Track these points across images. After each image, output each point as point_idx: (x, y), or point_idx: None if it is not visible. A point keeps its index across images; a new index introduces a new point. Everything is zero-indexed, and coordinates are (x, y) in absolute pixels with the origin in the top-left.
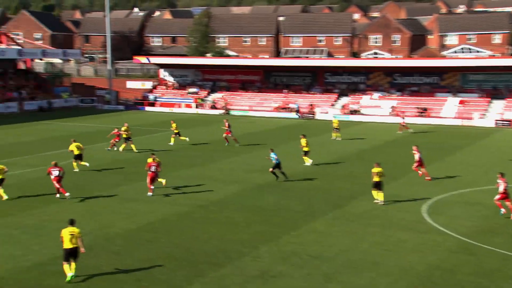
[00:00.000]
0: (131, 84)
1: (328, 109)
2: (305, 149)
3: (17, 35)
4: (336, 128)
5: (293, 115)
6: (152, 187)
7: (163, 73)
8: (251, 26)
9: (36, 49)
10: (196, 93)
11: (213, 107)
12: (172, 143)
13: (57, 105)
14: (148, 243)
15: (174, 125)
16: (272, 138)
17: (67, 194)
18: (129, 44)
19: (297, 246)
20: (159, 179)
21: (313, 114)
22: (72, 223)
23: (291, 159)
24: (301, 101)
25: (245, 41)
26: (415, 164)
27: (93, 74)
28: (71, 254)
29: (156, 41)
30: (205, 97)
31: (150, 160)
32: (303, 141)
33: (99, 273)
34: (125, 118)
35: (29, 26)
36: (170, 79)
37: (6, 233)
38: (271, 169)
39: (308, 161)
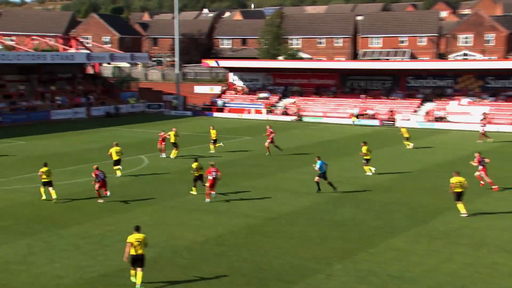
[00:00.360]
0: (199, 89)
1: (410, 115)
2: (366, 157)
3: (86, 39)
4: (406, 137)
5: (372, 121)
6: (213, 193)
7: (232, 77)
8: (326, 26)
9: (105, 53)
10: (266, 98)
11: (285, 113)
12: (213, 151)
13: (124, 111)
14: (216, 257)
15: (213, 131)
16: (347, 147)
17: (108, 193)
18: (198, 47)
19: (375, 264)
20: (194, 188)
21: (393, 121)
22: (138, 229)
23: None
24: (380, 107)
25: (320, 43)
26: (480, 173)
27: (161, 79)
28: (137, 261)
29: (225, 44)
30: (276, 102)
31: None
32: (364, 149)
33: None
34: (193, 124)
35: (98, 29)
36: (239, 84)
37: (73, 242)
38: (316, 179)
39: (369, 171)
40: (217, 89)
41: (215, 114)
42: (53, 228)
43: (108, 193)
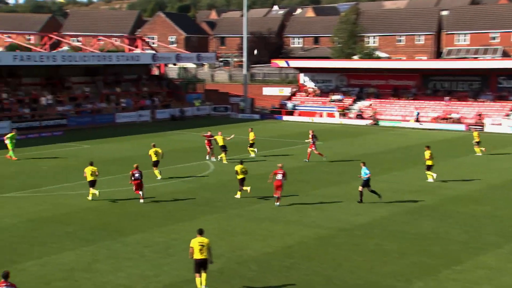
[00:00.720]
0: (267, 91)
1: (502, 120)
2: (428, 162)
3: (152, 38)
4: (477, 142)
5: (457, 126)
6: (277, 196)
7: (303, 78)
8: (407, 22)
9: (170, 53)
10: (340, 100)
11: (360, 116)
12: (253, 155)
13: (189, 114)
14: (285, 269)
15: (251, 134)
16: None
17: (140, 193)
18: (267, 46)
19: (462, 283)
20: (244, 187)
21: (482, 126)
22: (201, 232)
23: (453, 178)
24: (467, 110)
25: (399, 41)
26: None
27: (228, 80)
28: (201, 265)
29: (296, 42)
30: (350, 105)
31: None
32: (427, 153)
33: None
34: (261, 128)
35: (164, 28)
36: (310, 85)
37: (137, 250)
38: (360, 188)
39: (431, 177)
40: (287, 90)
41: (285, 118)
42: (117, 235)
43: (140, 193)
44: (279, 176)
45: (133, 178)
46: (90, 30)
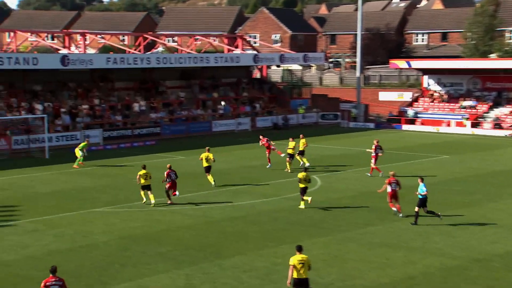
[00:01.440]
0: (384, 96)
1: None
2: None
3: (253, 37)
4: None
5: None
6: (394, 209)
7: (427, 81)
8: None
9: (274, 53)
10: (472, 107)
11: (498, 126)
12: (306, 163)
13: (293, 122)
14: None
15: (303, 141)
16: None
17: (176, 193)
18: (384, 44)
19: None
20: (305, 197)
21: None
22: (300, 249)
23: None
24: None
25: None
26: None
27: (338, 83)
28: (302, 286)
29: (420, 40)
30: (485, 112)
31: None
32: None
33: None
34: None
35: (267, 26)
36: (436, 89)
37: (235, 275)
38: (416, 208)
39: None
40: (407, 95)
41: (404, 127)
42: (213, 257)
43: (177, 193)
44: (394, 186)
45: (168, 180)
46: (188, 29)
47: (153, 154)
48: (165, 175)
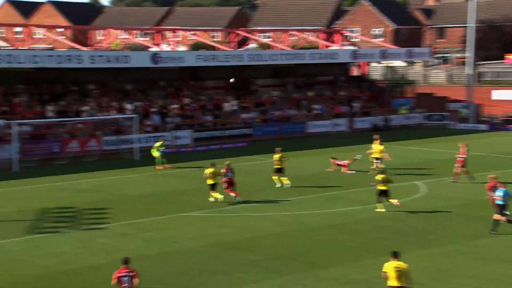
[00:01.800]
0: (498, 94)
1: None
2: None
3: (352, 32)
4: None
5: None
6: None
7: None
8: None
9: (374, 49)
10: None
11: None
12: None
13: (395, 123)
14: None
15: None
16: None
17: (235, 196)
18: (499, 38)
19: None
20: (391, 200)
21: None
22: (396, 255)
23: None
24: None
25: None
26: None
27: (446, 81)
28: None
29: None
30: None
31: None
32: None
33: None
34: (489, 141)
35: (367, 19)
36: None
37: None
38: (496, 216)
39: None
40: None
41: None
42: (308, 267)
43: (232, 194)
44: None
45: (226, 177)
46: (281, 24)
47: (244, 156)
48: (223, 171)
